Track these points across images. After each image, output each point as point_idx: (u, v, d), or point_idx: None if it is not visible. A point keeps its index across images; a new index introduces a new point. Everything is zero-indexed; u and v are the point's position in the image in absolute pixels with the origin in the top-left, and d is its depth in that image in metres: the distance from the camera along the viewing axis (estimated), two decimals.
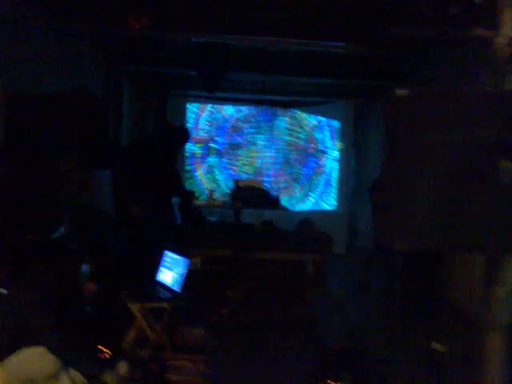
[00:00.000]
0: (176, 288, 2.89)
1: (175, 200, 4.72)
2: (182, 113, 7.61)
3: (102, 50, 5.54)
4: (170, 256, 3.07)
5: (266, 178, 7.39)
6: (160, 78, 7.00)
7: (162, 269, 3.09)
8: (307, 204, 8.01)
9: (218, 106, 7.75)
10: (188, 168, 7.69)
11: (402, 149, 1.51)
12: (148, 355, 2.58)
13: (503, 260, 2.13)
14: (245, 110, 7.84)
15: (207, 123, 7.80)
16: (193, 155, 7.74)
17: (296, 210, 7.51)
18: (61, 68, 4.09)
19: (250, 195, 4.45)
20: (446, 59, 4.50)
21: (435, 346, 2.19)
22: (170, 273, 3.00)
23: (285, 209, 5.23)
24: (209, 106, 7.77)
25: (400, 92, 1.46)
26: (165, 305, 2.83)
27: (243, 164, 7.83)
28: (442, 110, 1.49)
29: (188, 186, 6.89)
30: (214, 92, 5.96)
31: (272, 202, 4.61)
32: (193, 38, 5.10)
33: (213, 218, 6.24)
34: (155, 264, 3.13)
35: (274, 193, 5.45)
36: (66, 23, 4.16)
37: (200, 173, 7.77)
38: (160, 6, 4.34)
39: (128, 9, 4.19)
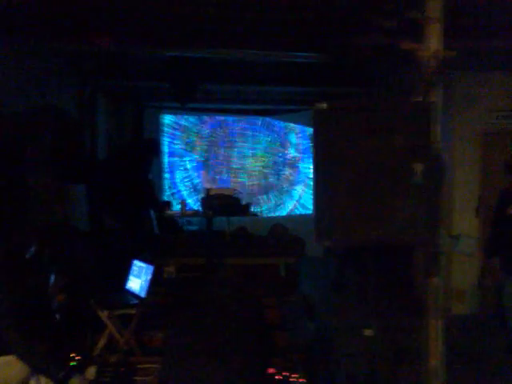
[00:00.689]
0: (142, 294, 3.03)
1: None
2: (158, 125, 7.75)
3: (75, 66, 5.65)
4: (137, 264, 3.21)
5: (240, 186, 7.54)
6: (135, 91, 7.13)
7: (130, 277, 3.23)
8: (285, 209, 8.19)
9: (195, 116, 7.91)
10: (166, 176, 7.82)
11: (326, 156, 1.68)
12: (117, 360, 2.69)
13: (437, 253, 2.33)
14: (221, 118, 8.02)
15: (184, 133, 7.96)
16: (173, 164, 7.89)
17: (274, 215, 7.68)
18: (33, 85, 4.19)
19: (220, 203, 4.59)
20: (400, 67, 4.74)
21: (367, 332, 2.35)
22: (138, 280, 3.14)
23: (255, 215, 5.38)
24: (185, 117, 7.93)
25: (319, 105, 1.63)
26: (132, 311, 2.96)
27: (219, 172, 7.99)
28: (362, 119, 1.67)
29: (169, 195, 7.04)
30: (187, 104, 6.12)
31: (241, 209, 4.75)
32: (166, 53, 5.25)
33: (193, 227, 6.38)
34: (125, 273, 3.27)
35: (245, 200, 5.60)
36: (38, 41, 4.26)
37: (179, 181, 7.92)
38: (131, 22, 4.48)
39: (97, 25, 4.32)
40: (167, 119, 7.90)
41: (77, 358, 2.45)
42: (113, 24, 4.37)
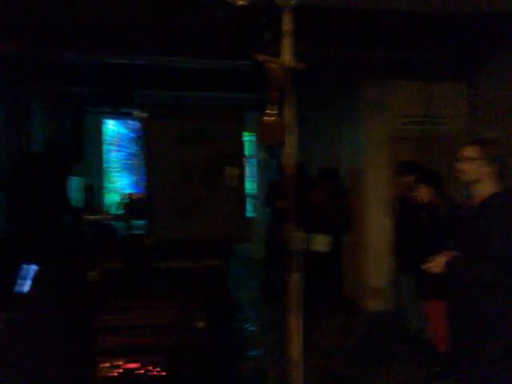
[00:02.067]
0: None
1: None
2: (98, 128, 7.81)
3: (7, 71, 5.63)
4: (26, 267, 3.29)
5: None
6: (74, 96, 7.16)
7: (19, 281, 3.29)
8: None
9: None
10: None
11: (149, 161, 1.83)
12: None
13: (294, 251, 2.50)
14: None
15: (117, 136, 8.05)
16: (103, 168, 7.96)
17: None
18: None
19: (140, 207, 4.68)
20: None
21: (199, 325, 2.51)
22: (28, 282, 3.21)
23: None
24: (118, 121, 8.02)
25: (139, 114, 1.79)
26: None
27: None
28: (180, 128, 1.83)
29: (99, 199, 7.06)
30: (119, 109, 6.20)
31: None
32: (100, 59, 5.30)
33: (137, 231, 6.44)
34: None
35: None
36: None
37: (108, 185, 7.97)
38: (65, 28, 4.53)
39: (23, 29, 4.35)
40: (106, 125, 7.96)
41: None
42: (43, 29, 4.44)
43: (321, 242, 3.59)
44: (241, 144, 1.79)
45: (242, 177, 1.80)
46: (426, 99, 5.11)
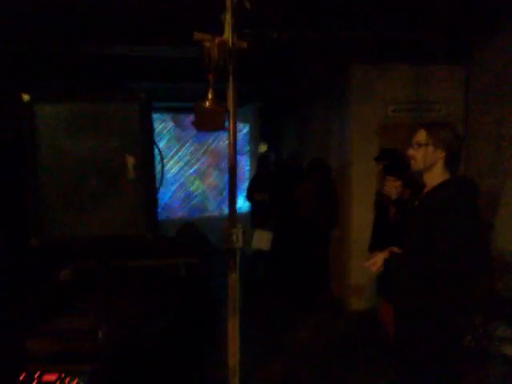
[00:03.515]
0: None
1: None
2: None
3: None
4: None
5: None
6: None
7: None
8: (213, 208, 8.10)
9: None
10: None
11: (34, 149, 1.56)
12: None
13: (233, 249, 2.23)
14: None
15: None
16: None
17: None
18: None
19: None
20: None
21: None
22: None
23: None
24: None
25: (25, 97, 1.52)
26: None
27: None
28: (71, 112, 1.56)
29: None
30: None
31: None
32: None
33: None
34: None
35: None
36: None
37: None
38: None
39: None
40: None
41: None
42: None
43: (262, 239, 3.32)
44: (144, 130, 1.51)
45: (147, 167, 1.52)
46: (418, 84, 4.74)
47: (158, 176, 1.83)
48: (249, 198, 5.60)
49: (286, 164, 6.54)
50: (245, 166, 8.25)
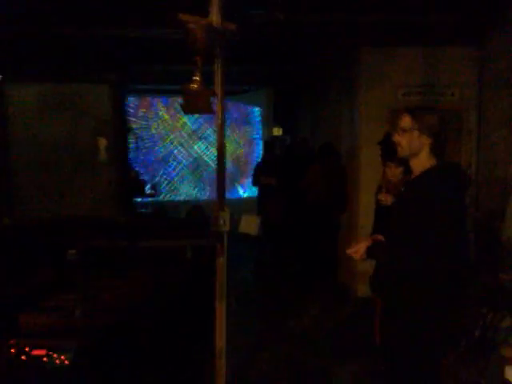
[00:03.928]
0: None
1: None
2: None
3: None
4: None
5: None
6: None
7: None
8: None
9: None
10: None
11: (14, 134, 1.60)
12: None
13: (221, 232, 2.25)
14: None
15: None
16: None
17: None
18: None
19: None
20: None
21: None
22: None
23: (152, 195, 5.34)
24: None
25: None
26: None
27: None
28: (43, 93, 1.59)
29: None
30: None
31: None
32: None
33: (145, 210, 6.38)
34: None
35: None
36: None
37: None
38: None
39: None
40: None
41: None
42: None
43: (250, 224, 3.31)
44: (117, 111, 1.52)
45: (119, 149, 1.54)
46: (430, 67, 4.60)
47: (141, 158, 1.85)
48: (255, 182, 5.60)
49: (295, 147, 6.48)
50: (259, 150, 8.23)
